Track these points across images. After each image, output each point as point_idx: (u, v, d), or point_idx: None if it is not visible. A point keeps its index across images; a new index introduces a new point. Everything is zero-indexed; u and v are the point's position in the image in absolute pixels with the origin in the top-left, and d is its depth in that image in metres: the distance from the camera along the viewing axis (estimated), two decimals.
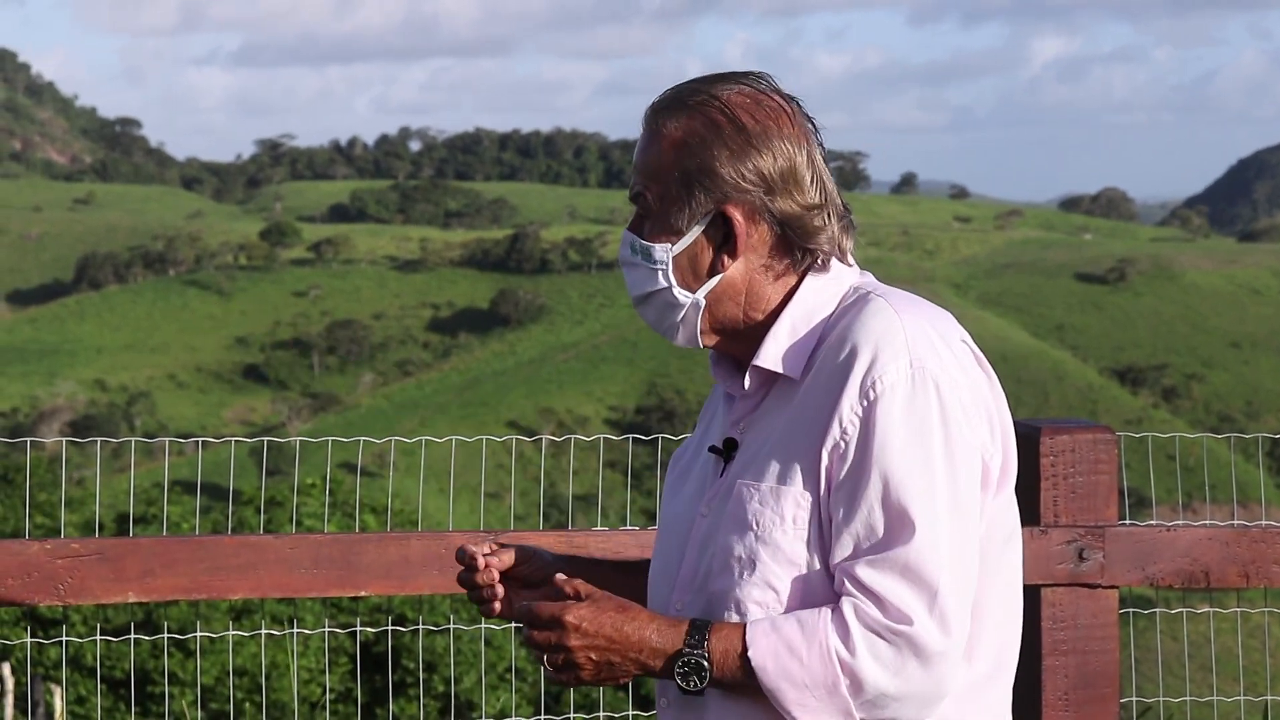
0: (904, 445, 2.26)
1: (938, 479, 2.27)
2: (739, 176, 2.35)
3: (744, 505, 2.34)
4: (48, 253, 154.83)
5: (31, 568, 3.40)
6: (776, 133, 2.36)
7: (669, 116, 2.39)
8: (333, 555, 3.52)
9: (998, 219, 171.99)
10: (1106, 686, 3.61)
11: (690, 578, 2.40)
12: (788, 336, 2.37)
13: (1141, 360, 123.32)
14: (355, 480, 26.83)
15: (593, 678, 2.31)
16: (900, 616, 2.24)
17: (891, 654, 2.24)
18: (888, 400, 2.27)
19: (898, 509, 2.25)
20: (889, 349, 2.28)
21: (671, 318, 2.40)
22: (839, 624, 2.25)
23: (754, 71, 2.42)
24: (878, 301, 2.35)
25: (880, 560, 2.25)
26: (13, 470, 29.19)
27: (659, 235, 2.39)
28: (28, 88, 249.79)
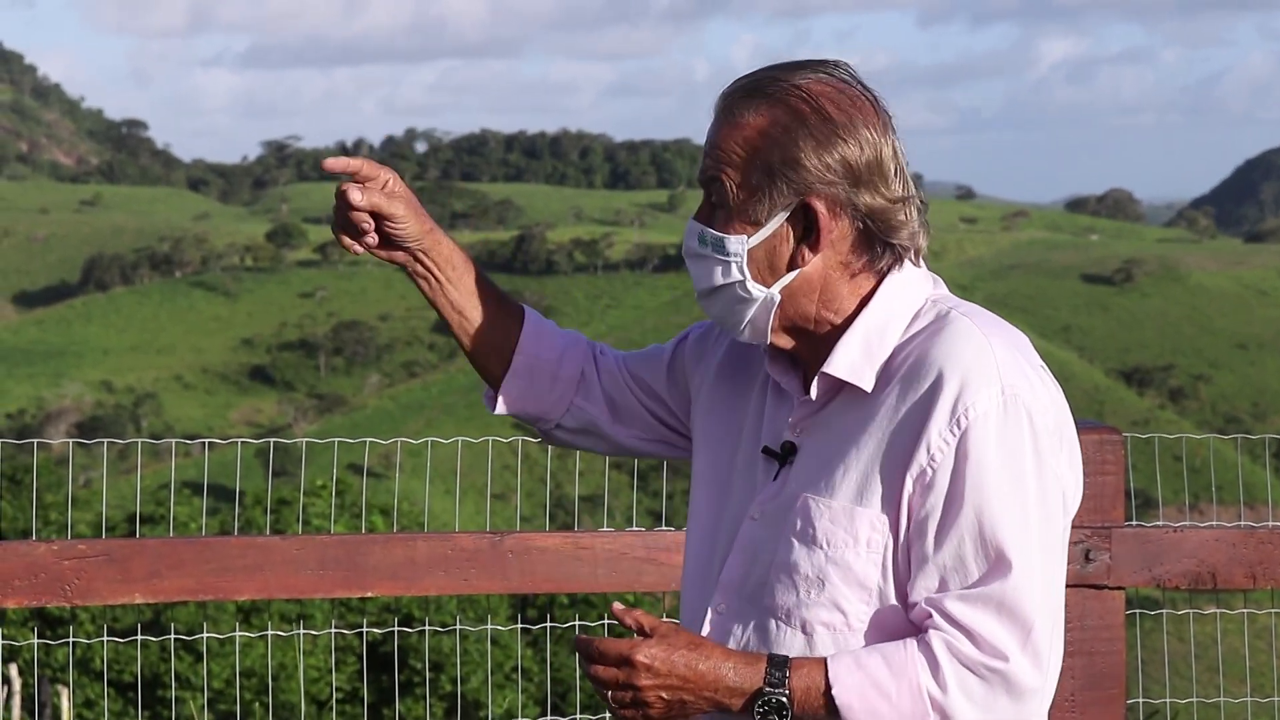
0: (998, 477, 2.18)
1: (1031, 512, 2.19)
2: (824, 167, 2.25)
3: (813, 521, 2.25)
4: (54, 254, 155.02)
5: (38, 569, 3.41)
6: (862, 122, 2.26)
7: (749, 104, 2.28)
8: (339, 556, 3.52)
9: (1004, 220, 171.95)
10: (1113, 687, 3.61)
11: (738, 584, 2.32)
12: (860, 346, 2.27)
13: (1148, 361, 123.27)
14: (362, 481, 26.87)
15: (661, 716, 2.21)
16: (995, 653, 2.16)
17: (984, 691, 2.16)
18: (980, 429, 2.17)
19: (993, 543, 2.17)
20: (980, 375, 2.19)
21: (741, 313, 2.30)
22: (929, 659, 2.16)
23: (832, 60, 2.32)
24: (963, 322, 2.25)
25: (974, 596, 2.17)
26: (20, 471, 29.24)
27: (734, 226, 2.28)
28: (34, 89, 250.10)
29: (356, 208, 2.43)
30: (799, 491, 2.28)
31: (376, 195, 2.44)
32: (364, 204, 2.44)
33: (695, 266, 2.32)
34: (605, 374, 2.59)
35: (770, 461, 2.33)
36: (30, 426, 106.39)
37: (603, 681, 2.21)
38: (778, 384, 2.38)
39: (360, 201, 2.43)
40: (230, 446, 71.94)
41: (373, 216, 2.46)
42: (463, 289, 2.55)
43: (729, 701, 2.19)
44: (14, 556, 3.41)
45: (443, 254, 2.52)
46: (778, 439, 2.34)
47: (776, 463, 2.33)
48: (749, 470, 2.36)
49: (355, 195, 2.43)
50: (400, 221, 2.46)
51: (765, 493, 2.32)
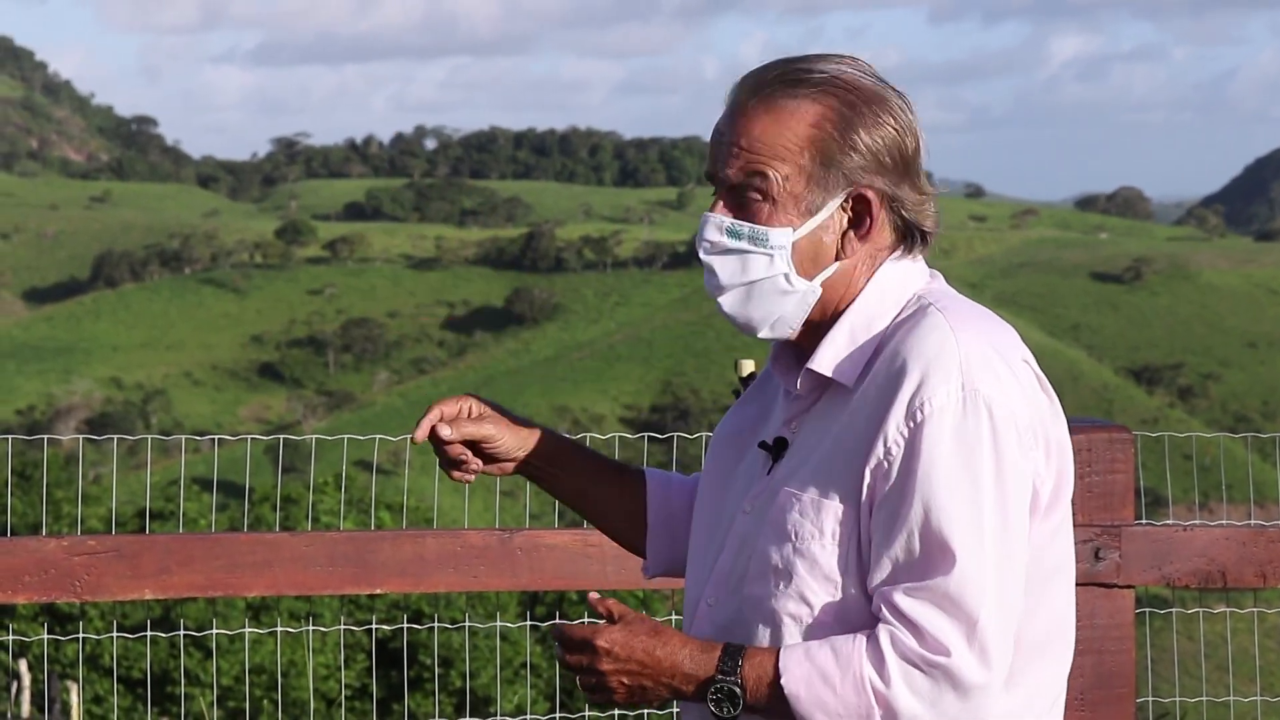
0: (949, 471, 2.17)
1: (984, 506, 2.18)
2: (876, 159, 2.25)
3: (785, 514, 2.26)
4: (64, 251, 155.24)
5: (48, 565, 3.41)
6: (901, 117, 2.28)
7: (791, 93, 2.26)
8: (348, 553, 3.53)
9: (1013, 218, 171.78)
10: (1123, 686, 3.61)
11: (725, 576, 2.34)
12: (846, 342, 2.27)
13: (1158, 360, 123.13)
14: (371, 478, 26.80)
15: (625, 700, 2.26)
16: (938, 648, 2.16)
17: (928, 685, 2.16)
18: (935, 423, 2.17)
19: (938, 537, 2.17)
20: (940, 370, 2.19)
21: (776, 308, 2.28)
22: (874, 653, 2.17)
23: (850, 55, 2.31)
24: (935, 316, 2.24)
25: (919, 589, 2.17)
26: (30, 467, 29.27)
27: (778, 218, 2.26)
28: (45, 86, 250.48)
29: (449, 443, 2.48)
30: (780, 485, 2.29)
31: (466, 425, 2.49)
32: (456, 438, 2.48)
33: (724, 262, 2.28)
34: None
35: (767, 457, 2.35)
36: (40, 423, 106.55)
37: (570, 666, 2.26)
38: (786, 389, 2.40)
39: (451, 436, 2.48)
40: (239, 443, 71.83)
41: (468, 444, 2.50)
42: (578, 476, 2.56)
43: (684, 688, 2.23)
44: (24, 552, 3.42)
45: (545, 452, 2.53)
46: (775, 435, 2.36)
47: (771, 458, 2.34)
48: (750, 467, 2.38)
49: (444, 431, 2.48)
50: (494, 440, 2.49)
51: (757, 487, 2.34)
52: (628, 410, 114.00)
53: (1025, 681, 2.28)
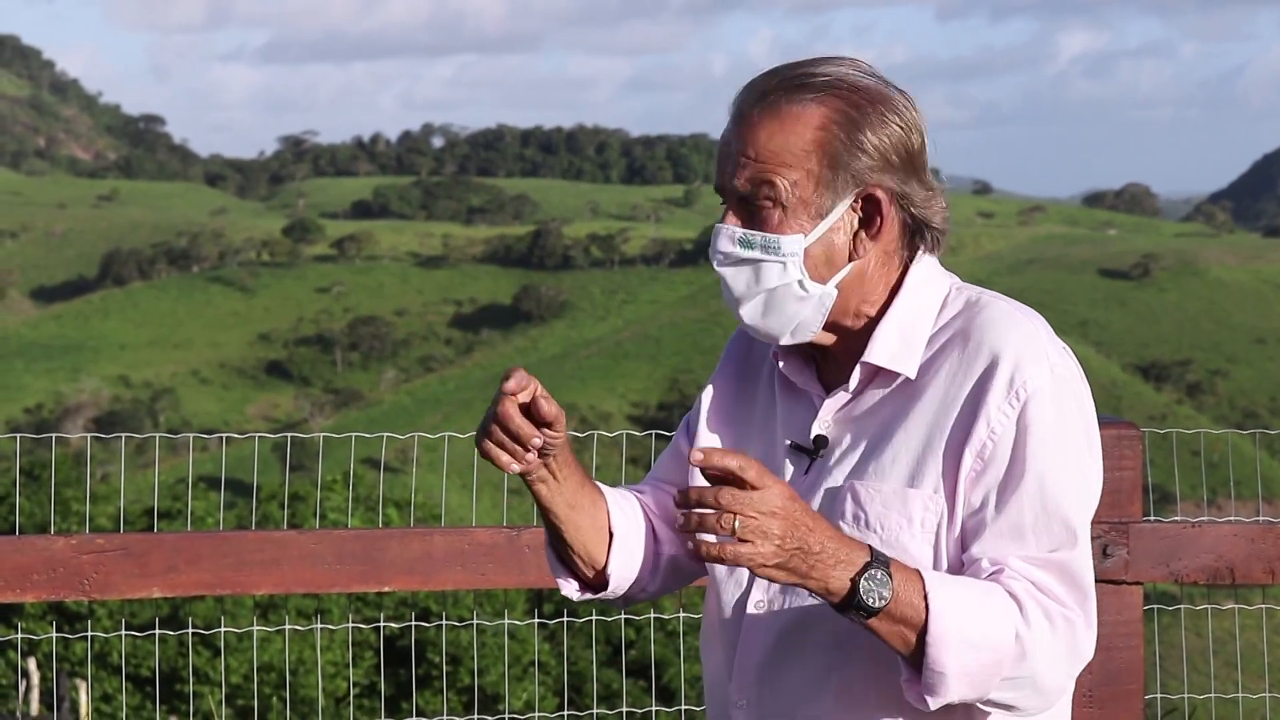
0: (1058, 448, 2.23)
1: (1087, 484, 2.25)
2: (882, 158, 2.27)
3: (864, 507, 2.25)
4: (72, 249, 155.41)
5: (57, 563, 3.42)
6: (906, 117, 2.29)
7: (795, 99, 2.26)
8: (356, 551, 3.53)
9: (1021, 215, 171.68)
10: (1131, 683, 3.60)
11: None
12: (898, 334, 2.29)
13: (1165, 356, 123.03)
14: (378, 476, 26.89)
15: (775, 561, 2.10)
16: (1069, 608, 2.21)
17: (1053, 637, 2.19)
18: (1038, 402, 2.22)
19: (1056, 513, 2.22)
20: (1031, 353, 2.24)
21: (795, 314, 2.28)
22: (1016, 598, 2.19)
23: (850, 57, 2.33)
24: (1000, 304, 2.31)
25: (1043, 561, 2.21)
26: (38, 467, 29.31)
27: (789, 225, 2.26)
28: (52, 85, 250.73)
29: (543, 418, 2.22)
30: (845, 480, 2.28)
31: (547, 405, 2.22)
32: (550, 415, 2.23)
33: (737, 273, 2.28)
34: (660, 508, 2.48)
35: (799, 457, 2.33)
36: (48, 421, 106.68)
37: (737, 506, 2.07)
38: (788, 385, 2.37)
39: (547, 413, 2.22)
40: (247, 441, 72.03)
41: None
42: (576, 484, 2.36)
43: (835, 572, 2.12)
44: (32, 551, 3.42)
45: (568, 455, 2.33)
46: (804, 434, 2.33)
47: (806, 458, 2.32)
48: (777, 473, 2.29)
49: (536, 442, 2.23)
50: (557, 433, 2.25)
51: (800, 486, 2.30)
52: (635, 408, 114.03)
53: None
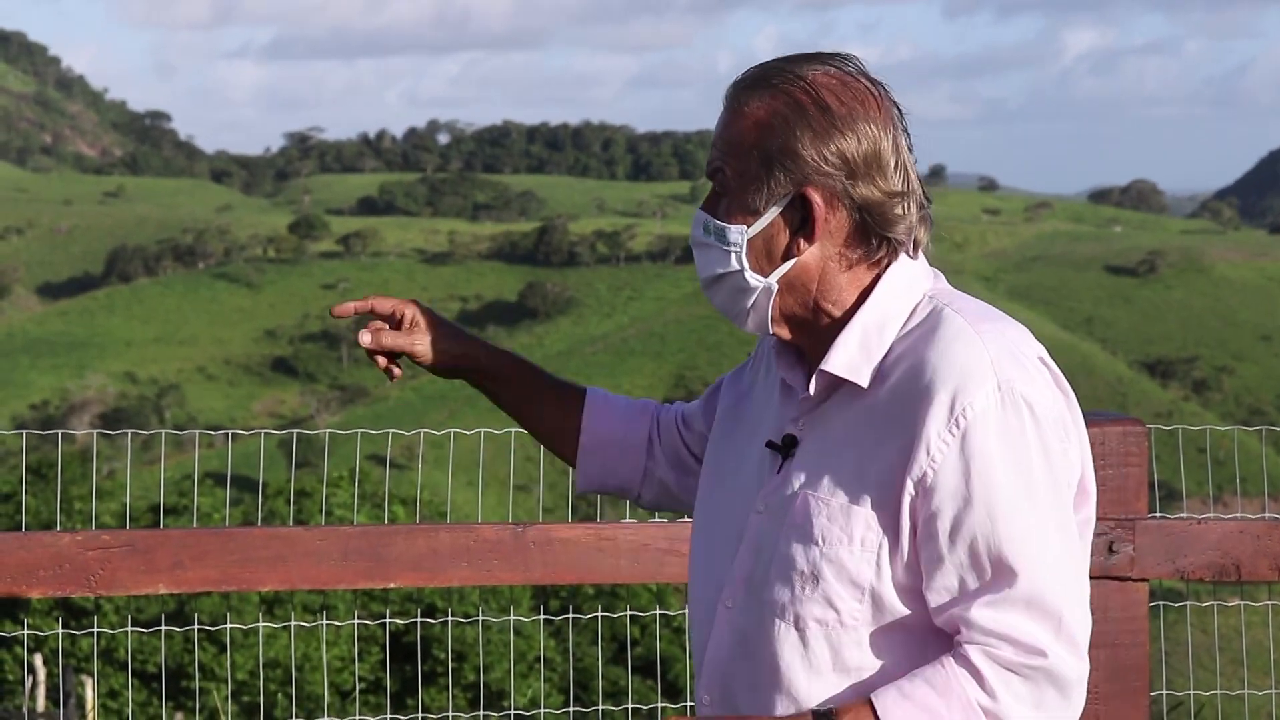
0: (1004, 473, 2.18)
1: (1042, 502, 2.19)
2: (821, 159, 2.26)
3: (811, 518, 2.26)
4: (78, 246, 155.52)
5: (63, 559, 3.42)
6: (862, 115, 2.27)
7: (753, 94, 2.30)
8: (362, 547, 3.53)
9: (1027, 211, 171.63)
10: (1137, 680, 3.60)
11: (745, 578, 2.33)
12: (859, 343, 2.27)
13: (1171, 353, 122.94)
14: (384, 472, 26.92)
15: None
16: (1033, 651, 2.17)
17: (1030, 690, 2.17)
18: (980, 427, 2.17)
19: (1009, 541, 2.17)
20: (975, 373, 2.19)
21: (743, 302, 2.32)
22: (971, 671, 2.17)
23: (842, 53, 2.34)
24: (955, 319, 2.25)
25: (999, 600, 2.17)
26: (45, 465, 29.33)
27: (735, 216, 2.31)
28: (58, 81, 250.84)
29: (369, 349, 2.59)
30: (799, 487, 2.29)
31: (387, 336, 2.60)
32: (373, 346, 2.59)
33: (700, 256, 2.36)
34: (665, 433, 2.64)
35: (775, 455, 2.34)
36: (54, 418, 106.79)
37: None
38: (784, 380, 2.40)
39: (369, 344, 2.59)
40: (253, 438, 71.99)
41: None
42: (516, 392, 2.67)
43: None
44: (38, 547, 3.42)
45: (484, 367, 2.65)
46: (781, 433, 2.35)
47: (780, 456, 2.34)
48: (758, 464, 2.37)
49: (364, 338, 2.59)
50: (419, 355, 2.62)
51: (769, 485, 2.33)
52: None
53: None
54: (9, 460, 47.25)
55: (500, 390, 2.67)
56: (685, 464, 2.63)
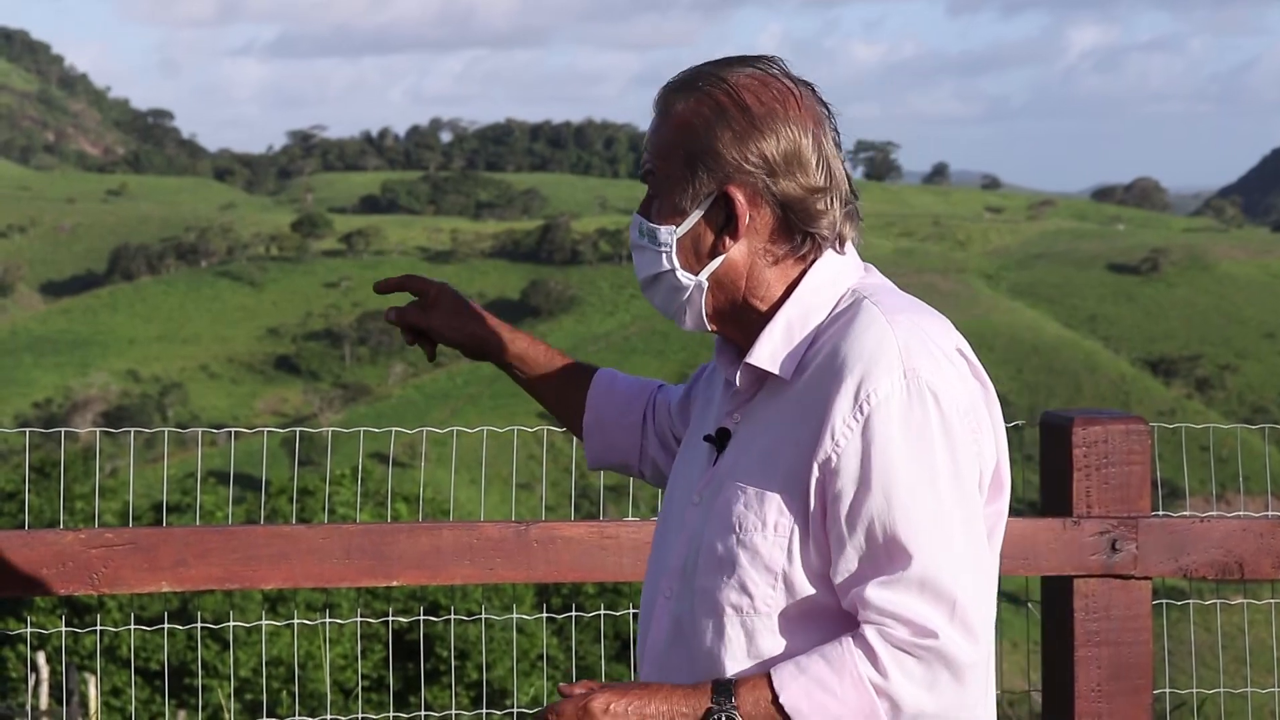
0: (905, 459, 2.22)
1: (943, 489, 2.23)
2: (741, 157, 2.33)
3: (730, 505, 2.32)
4: (81, 244, 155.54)
5: (66, 557, 3.42)
6: (782, 115, 2.33)
7: (678, 98, 2.38)
8: (365, 545, 3.53)
9: (1030, 209, 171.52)
10: (1140, 678, 3.60)
11: (679, 568, 2.40)
12: (782, 336, 2.34)
13: (1174, 351, 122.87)
14: (387, 470, 26.97)
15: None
16: (924, 632, 2.21)
17: (922, 670, 2.21)
18: (883, 413, 2.23)
19: (905, 524, 2.22)
20: (883, 360, 2.25)
21: (677, 300, 2.39)
22: (865, 650, 2.21)
23: (767, 56, 2.40)
24: (869, 309, 2.30)
25: (894, 581, 2.22)
26: (48, 464, 29.34)
27: (665, 217, 2.39)
28: (61, 79, 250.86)
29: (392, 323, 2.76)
30: (725, 477, 2.36)
31: (409, 313, 2.78)
32: (395, 320, 2.77)
33: (637, 257, 2.44)
34: (659, 415, 2.74)
35: (713, 448, 2.41)
36: (57, 416, 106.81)
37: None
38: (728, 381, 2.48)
39: (393, 319, 2.77)
40: (256, 436, 71.67)
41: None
42: (533, 372, 2.82)
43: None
44: (42, 545, 3.43)
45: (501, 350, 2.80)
46: (718, 426, 2.43)
47: (716, 449, 2.41)
48: (698, 457, 2.45)
49: (391, 316, 2.77)
50: (436, 331, 2.78)
51: (705, 478, 2.40)
52: None
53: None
54: (12, 459, 47.27)
55: (520, 370, 2.81)
56: (671, 447, 2.71)
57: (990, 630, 2.25)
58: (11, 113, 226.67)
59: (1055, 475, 3.70)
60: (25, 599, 20.92)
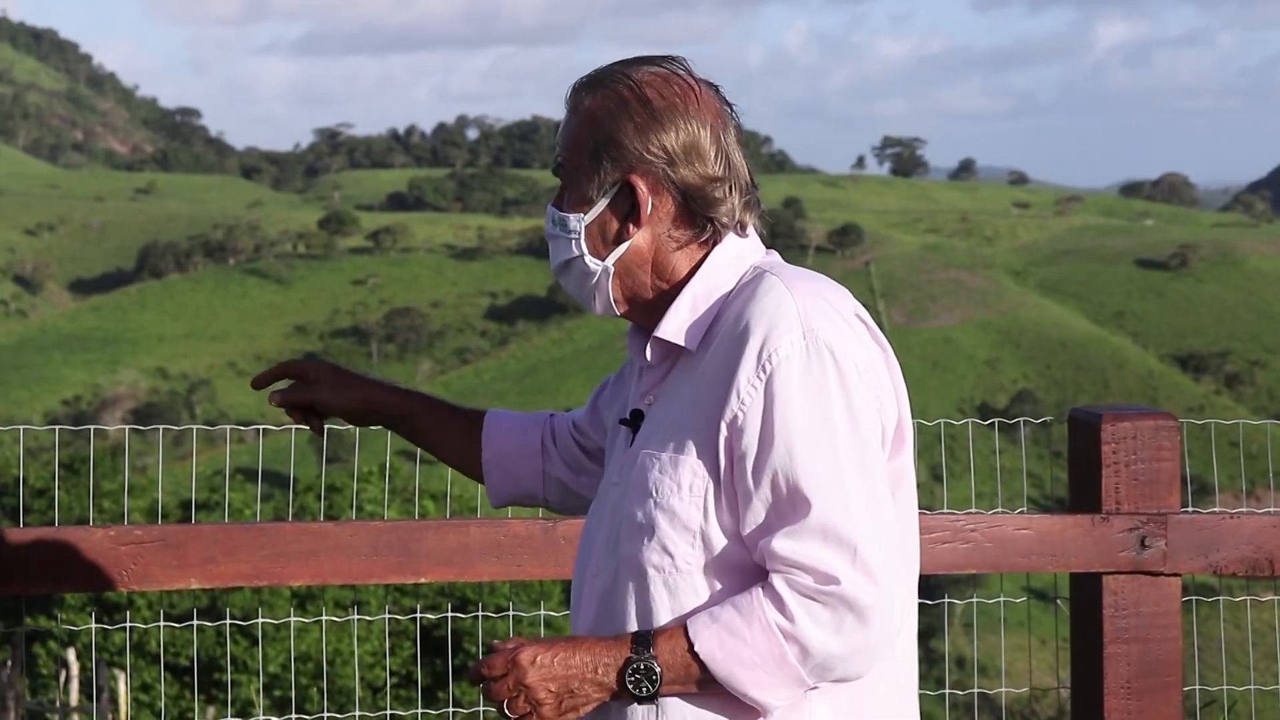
0: (804, 412, 2.36)
1: (840, 440, 2.36)
2: (643, 148, 2.47)
3: (645, 474, 2.44)
4: (110, 242, 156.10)
5: (96, 555, 3.43)
6: (681, 110, 2.48)
7: (586, 94, 2.53)
8: (392, 542, 3.54)
9: (1058, 205, 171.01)
10: (1169, 675, 3.59)
11: (604, 545, 2.51)
12: (688, 310, 2.48)
13: (1203, 347, 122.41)
14: (414, 468, 26.88)
15: (555, 713, 2.39)
16: (827, 578, 2.33)
17: (828, 615, 2.32)
18: (784, 371, 2.36)
19: (806, 475, 2.34)
20: (782, 322, 2.38)
21: (587, 285, 2.53)
22: (773, 597, 2.34)
23: (672, 55, 2.54)
24: (770, 279, 2.45)
25: (797, 530, 2.34)
26: (78, 462, 29.46)
27: (574, 206, 2.54)
28: (89, 78, 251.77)
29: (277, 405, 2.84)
30: (639, 449, 2.48)
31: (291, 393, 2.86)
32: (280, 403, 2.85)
33: (551, 246, 2.60)
34: (559, 437, 2.86)
35: (627, 431, 2.56)
36: (87, 413, 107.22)
37: (496, 695, 2.39)
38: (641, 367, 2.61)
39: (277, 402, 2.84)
40: (284, 433, 71.93)
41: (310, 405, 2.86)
42: (424, 427, 2.89)
43: (606, 679, 2.37)
44: (72, 542, 3.44)
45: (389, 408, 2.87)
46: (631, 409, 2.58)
47: (631, 431, 2.55)
48: (617, 444, 2.59)
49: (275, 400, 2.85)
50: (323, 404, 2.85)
51: (623, 460, 2.54)
52: None
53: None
54: (42, 456, 47.46)
55: (409, 428, 2.88)
56: (580, 464, 2.83)
57: (891, 574, 2.35)
58: (40, 111, 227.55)
59: (1084, 472, 3.68)
60: (55, 596, 21.02)
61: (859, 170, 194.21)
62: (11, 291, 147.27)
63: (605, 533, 2.51)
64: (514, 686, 2.38)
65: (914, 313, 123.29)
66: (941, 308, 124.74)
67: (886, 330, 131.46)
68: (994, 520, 3.60)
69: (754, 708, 2.37)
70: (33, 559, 3.41)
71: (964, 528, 3.59)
